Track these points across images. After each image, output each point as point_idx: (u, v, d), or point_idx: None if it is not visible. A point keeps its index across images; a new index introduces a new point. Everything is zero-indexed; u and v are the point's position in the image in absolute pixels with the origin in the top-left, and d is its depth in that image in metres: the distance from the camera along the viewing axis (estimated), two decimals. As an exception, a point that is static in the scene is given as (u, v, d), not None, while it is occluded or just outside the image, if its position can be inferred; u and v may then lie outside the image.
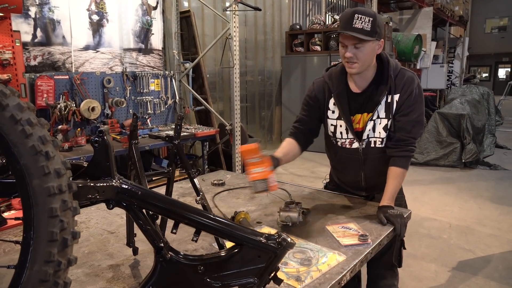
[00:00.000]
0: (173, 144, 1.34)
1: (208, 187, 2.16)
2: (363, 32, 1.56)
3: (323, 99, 1.81)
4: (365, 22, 1.56)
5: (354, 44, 1.59)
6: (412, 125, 1.69)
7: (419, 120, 1.70)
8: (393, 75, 1.69)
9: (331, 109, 1.80)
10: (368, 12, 1.58)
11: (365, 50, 1.60)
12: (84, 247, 1.44)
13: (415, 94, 1.69)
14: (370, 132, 1.74)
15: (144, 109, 4.71)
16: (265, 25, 7.24)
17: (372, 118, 1.72)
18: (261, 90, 7.51)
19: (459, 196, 4.73)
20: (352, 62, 1.62)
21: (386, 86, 1.69)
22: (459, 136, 6.01)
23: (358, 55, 1.61)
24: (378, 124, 1.72)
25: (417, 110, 1.69)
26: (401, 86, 1.69)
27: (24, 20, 3.71)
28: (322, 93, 1.82)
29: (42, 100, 3.72)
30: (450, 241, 3.52)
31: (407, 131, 1.69)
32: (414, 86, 1.69)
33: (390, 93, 1.69)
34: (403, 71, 1.73)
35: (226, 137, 4.88)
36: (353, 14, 1.56)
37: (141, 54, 4.75)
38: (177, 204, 0.97)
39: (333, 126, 1.80)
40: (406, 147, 1.69)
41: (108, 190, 0.90)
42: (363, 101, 1.74)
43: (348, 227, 1.51)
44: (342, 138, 1.79)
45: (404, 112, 1.69)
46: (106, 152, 0.91)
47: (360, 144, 1.76)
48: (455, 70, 12.49)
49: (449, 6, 10.63)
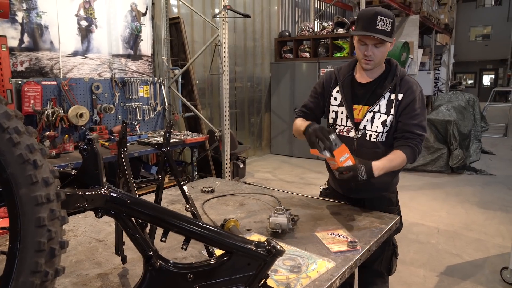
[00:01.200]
0: (162, 151, 1.33)
1: (198, 194, 2.15)
2: (385, 33, 1.65)
3: (328, 87, 1.91)
4: (387, 23, 1.64)
5: (375, 44, 1.68)
6: (417, 128, 1.75)
7: (423, 125, 1.76)
8: (399, 77, 1.78)
9: (333, 95, 1.89)
10: (388, 13, 1.66)
11: (383, 49, 1.71)
12: (71, 256, 1.42)
13: (419, 99, 1.76)
14: (368, 124, 1.80)
15: (133, 115, 4.68)
16: (255, 32, 7.29)
17: (372, 110, 1.78)
18: (251, 96, 7.54)
19: (447, 201, 4.79)
20: (371, 60, 1.71)
21: (391, 83, 1.77)
22: (446, 142, 6.11)
23: (377, 54, 1.71)
24: (377, 118, 1.78)
25: (421, 115, 1.77)
26: (406, 88, 1.77)
27: (11, 25, 3.67)
28: (329, 81, 1.91)
29: (29, 106, 3.67)
30: (438, 246, 3.55)
31: (413, 132, 1.74)
32: (417, 92, 1.77)
33: (394, 91, 1.77)
34: (408, 77, 1.82)
35: (216, 144, 4.87)
36: (376, 16, 1.64)
37: (130, 60, 4.73)
38: (167, 212, 0.96)
39: (334, 112, 1.88)
40: (412, 140, 1.73)
41: (97, 199, 0.89)
42: (366, 92, 1.81)
43: (337, 233, 1.52)
44: (342, 125, 1.86)
45: (409, 115, 1.75)
46: (95, 160, 0.90)
47: (356, 133, 1.81)
48: (442, 76, 12.70)
49: (435, 14, 10.82)
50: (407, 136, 1.74)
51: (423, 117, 1.77)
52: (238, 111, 7.31)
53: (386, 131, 1.79)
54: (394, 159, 1.69)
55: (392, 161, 1.68)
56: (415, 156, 1.75)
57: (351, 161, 1.58)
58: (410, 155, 1.72)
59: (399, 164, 1.71)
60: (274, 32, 7.69)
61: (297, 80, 7.33)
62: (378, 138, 1.79)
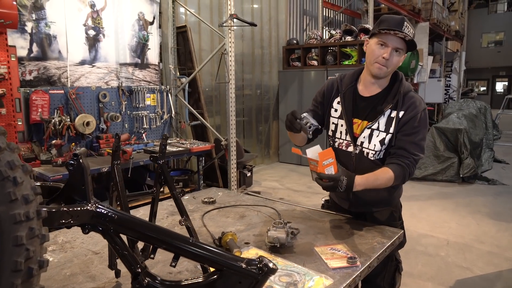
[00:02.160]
0: (157, 163, 1.31)
1: (199, 205, 2.12)
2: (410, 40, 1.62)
3: (329, 96, 1.85)
4: (411, 32, 1.62)
5: (397, 47, 1.61)
6: (413, 147, 1.66)
7: (420, 144, 1.68)
8: (403, 93, 1.70)
9: (334, 107, 1.83)
10: (411, 25, 1.64)
11: (400, 57, 1.65)
12: (66, 269, 1.40)
13: (420, 117, 1.68)
14: (365, 141, 1.73)
15: (140, 123, 4.70)
16: (262, 40, 7.29)
17: (371, 127, 1.72)
18: (258, 104, 7.52)
19: (457, 212, 4.69)
20: (385, 65, 1.64)
21: (393, 99, 1.70)
22: (457, 151, 6.00)
23: (393, 60, 1.63)
24: (375, 136, 1.72)
25: (420, 133, 1.68)
26: (408, 105, 1.69)
27: (20, 35, 3.73)
28: (330, 90, 1.85)
29: (37, 115, 3.71)
30: (447, 258, 3.46)
31: (408, 150, 1.66)
32: (420, 109, 1.68)
33: (396, 109, 1.69)
34: (413, 93, 1.73)
35: (222, 152, 4.85)
36: (403, 21, 1.61)
37: (137, 69, 4.76)
38: (155, 229, 0.94)
39: (334, 124, 1.83)
40: (404, 159, 1.65)
41: (83, 215, 0.87)
42: (367, 107, 1.75)
43: (337, 248, 1.48)
44: (341, 138, 1.81)
45: (407, 132, 1.67)
46: (82, 176, 0.89)
47: (354, 148, 1.76)
48: (453, 84, 12.55)
49: (445, 21, 10.75)
50: (400, 153, 1.66)
51: (422, 136, 1.68)
52: (246, 119, 7.30)
53: (384, 149, 1.72)
54: (379, 177, 1.61)
55: (377, 179, 1.61)
56: (405, 176, 1.66)
57: (334, 168, 1.52)
58: (399, 175, 1.63)
59: (384, 183, 1.62)
60: (282, 40, 7.69)
61: (305, 88, 7.30)
62: (375, 156, 1.73)
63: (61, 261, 1.46)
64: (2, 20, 3.20)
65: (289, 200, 5.23)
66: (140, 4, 4.71)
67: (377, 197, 1.76)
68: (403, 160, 1.65)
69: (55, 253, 1.53)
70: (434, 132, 6.12)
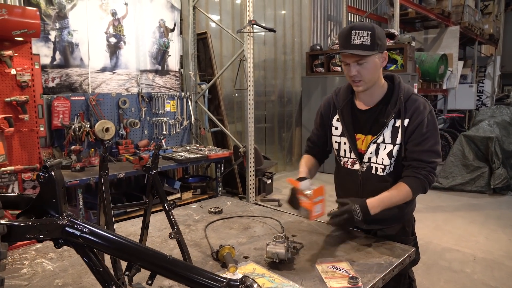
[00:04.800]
0: (149, 174, 1.28)
1: (204, 215, 2.08)
2: (362, 47, 1.49)
3: (327, 116, 1.78)
4: (364, 36, 1.49)
5: (356, 61, 1.53)
6: (427, 155, 1.56)
7: (434, 150, 1.58)
8: (404, 98, 1.60)
9: (334, 125, 1.75)
10: (365, 26, 1.52)
11: (368, 66, 1.54)
12: (59, 279, 1.38)
13: (427, 121, 1.57)
14: (372, 157, 1.64)
15: (159, 130, 4.73)
16: (285, 46, 7.23)
17: (376, 141, 1.62)
18: (281, 110, 7.45)
19: (486, 225, 4.43)
20: (358, 80, 1.56)
21: (395, 108, 1.59)
22: (487, 160, 5.70)
23: (362, 72, 1.54)
24: (382, 150, 1.62)
25: (432, 138, 1.57)
26: (412, 111, 1.58)
27: (44, 43, 3.84)
28: (327, 109, 1.78)
29: (58, 121, 3.80)
30: (473, 276, 3.25)
31: (423, 160, 1.56)
32: (426, 113, 1.58)
33: (399, 117, 1.59)
34: (415, 96, 1.62)
35: (240, 160, 4.81)
36: (350, 31, 1.51)
37: (157, 76, 4.81)
38: (129, 246, 0.89)
39: (337, 143, 1.75)
40: (421, 170, 1.56)
41: (53, 229, 0.84)
42: (368, 120, 1.65)
43: (338, 267, 1.38)
44: (345, 156, 1.72)
45: (417, 141, 1.57)
46: (53, 188, 0.85)
47: (360, 166, 1.67)
48: (486, 89, 12.01)
49: (478, 24, 10.32)
50: (415, 165, 1.57)
51: (433, 140, 1.57)
52: (268, 126, 7.24)
53: (394, 162, 1.62)
54: (395, 195, 1.53)
55: (393, 197, 1.53)
56: (425, 187, 1.57)
57: (322, 206, 1.51)
58: (417, 187, 1.55)
59: (402, 199, 1.54)
60: (305, 46, 7.60)
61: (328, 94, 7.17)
62: (385, 171, 1.63)
63: (56, 270, 1.45)
64: (26, 29, 3.30)
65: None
66: (161, 12, 4.76)
67: (388, 214, 1.64)
68: (419, 171, 1.56)
69: (52, 261, 1.52)
70: (463, 140, 5.84)
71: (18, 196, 0.98)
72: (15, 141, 3.37)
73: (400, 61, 6.24)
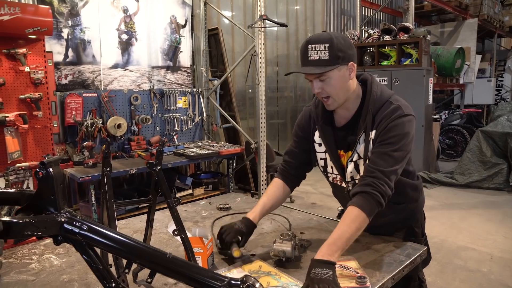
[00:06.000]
0: (153, 171, 1.26)
1: (212, 212, 2.07)
2: (320, 62, 1.36)
3: (308, 130, 1.63)
4: (321, 50, 1.35)
5: (318, 77, 1.40)
6: (381, 158, 1.39)
7: (393, 155, 1.38)
8: (374, 109, 1.45)
9: (317, 141, 1.61)
10: (322, 38, 1.37)
11: (332, 81, 1.39)
12: (65, 274, 1.38)
13: (393, 125, 1.40)
14: (354, 174, 1.53)
15: (171, 126, 4.75)
16: (298, 41, 7.16)
17: (352, 159, 1.51)
18: (294, 106, 7.40)
19: (505, 224, 4.31)
20: (324, 96, 1.43)
21: (364, 123, 1.46)
22: (506, 157, 5.54)
23: (327, 89, 1.41)
24: (361, 165, 1.50)
25: (394, 144, 1.39)
26: (380, 119, 1.43)
27: (57, 41, 3.88)
28: (308, 123, 1.64)
29: (71, 117, 3.84)
30: (490, 275, 3.17)
31: (374, 162, 1.40)
32: (394, 117, 1.41)
33: (367, 130, 1.46)
34: (389, 103, 1.45)
35: (251, 156, 4.79)
36: (307, 46, 1.38)
37: (169, 72, 4.82)
38: (128, 243, 0.88)
39: (323, 160, 1.62)
40: (370, 179, 1.36)
41: (51, 226, 0.83)
42: (344, 137, 1.53)
43: (346, 266, 1.35)
44: (333, 173, 1.61)
45: (377, 144, 1.43)
46: (51, 185, 0.84)
47: (346, 185, 1.58)
48: (506, 84, 11.69)
49: (498, 16, 10.02)
50: (367, 170, 1.41)
51: (396, 146, 1.38)
52: (281, 121, 7.20)
53: None
54: (346, 229, 1.30)
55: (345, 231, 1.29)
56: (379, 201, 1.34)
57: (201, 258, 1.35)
58: (371, 206, 1.33)
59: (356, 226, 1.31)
60: (318, 41, 7.51)
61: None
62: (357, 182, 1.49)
63: (62, 266, 1.45)
64: (38, 27, 3.34)
65: (322, 205, 5.08)
66: (172, 8, 4.76)
67: (397, 218, 1.58)
68: (367, 182, 1.36)
69: (60, 257, 1.53)
70: (480, 136, 5.70)
71: (19, 192, 0.98)
72: (29, 138, 3.42)
73: (415, 55, 6.10)
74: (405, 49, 6.22)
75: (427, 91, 5.98)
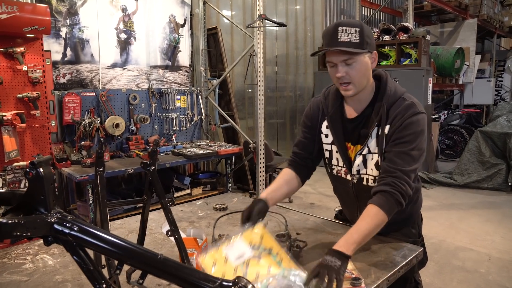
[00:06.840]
0: (147, 171, 1.26)
1: (209, 212, 2.06)
2: (351, 45, 1.36)
3: (316, 120, 1.65)
4: (352, 33, 1.36)
5: (344, 60, 1.39)
6: (400, 157, 1.40)
7: (411, 154, 1.40)
8: (388, 104, 1.46)
9: (324, 132, 1.63)
10: (353, 22, 1.39)
11: (358, 66, 1.40)
12: (59, 275, 1.38)
13: (409, 123, 1.41)
14: (361, 168, 1.54)
15: (169, 125, 4.74)
16: (297, 41, 7.16)
17: (362, 153, 1.51)
18: (293, 106, 7.39)
19: (503, 224, 4.31)
20: (346, 82, 1.43)
21: (377, 116, 1.47)
22: (505, 157, 5.54)
23: (351, 73, 1.40)
24: (370, 160, 1.51)
25: (411, 142, 1.40)
26: (394, 115, 1.44)
27: (55, 40, 3.87)
28: (316, 113, 1.65)
29: (69, 117, 3.83)
30: (488, 276, 3.16)
31: (393, 161, 1.40)
32: (408, 114, 1.43)
33: (381, 124, 1.46)
34: (402, 99, 1.47)
35: (250, 156, 4.78)
36: (336, 28, 1.38)
37: (168, 71, 4.81)
38: (118, 244, 0.87)
39: (328, 151, 1.64)
40: (388, 179, 1.38)
41: (41, 226, 0.82)
42: (355, 129, 1.54)
43: (341, 266, 1.34)
44: (338, 165, 1.63)
45: (394, 142, 1.43)
46: (41, 185, 0.84)
47: (351, 177, 1.58)
48: (505, 84, 11.69)
49: (497, 16, 10.02)
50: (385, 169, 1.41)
51: (414, 144, 1.40)
52: (280, 121, 7.19)
53: None
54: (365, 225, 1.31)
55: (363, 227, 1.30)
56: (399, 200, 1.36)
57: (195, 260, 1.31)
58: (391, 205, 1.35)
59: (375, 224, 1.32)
60: (318, 41, 7.51)
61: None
62: (376, 182, 1.48)
63: (56, 266, 1.45)
64: (36, 26, 3.33)
65: (320, 205, 5.07)
66: (171, 7, 4.75)
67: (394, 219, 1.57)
68: (386, 181, 1.38)
69: (54, 257, 1.52)
70: (479, 136, 5.69)
71: (10, 192, 0.97)
72: (27, 137, 3.42)
73: (414, 55, 6.10)
74: (405, 49, 6.21)
75: (426, 91, 5.97)
